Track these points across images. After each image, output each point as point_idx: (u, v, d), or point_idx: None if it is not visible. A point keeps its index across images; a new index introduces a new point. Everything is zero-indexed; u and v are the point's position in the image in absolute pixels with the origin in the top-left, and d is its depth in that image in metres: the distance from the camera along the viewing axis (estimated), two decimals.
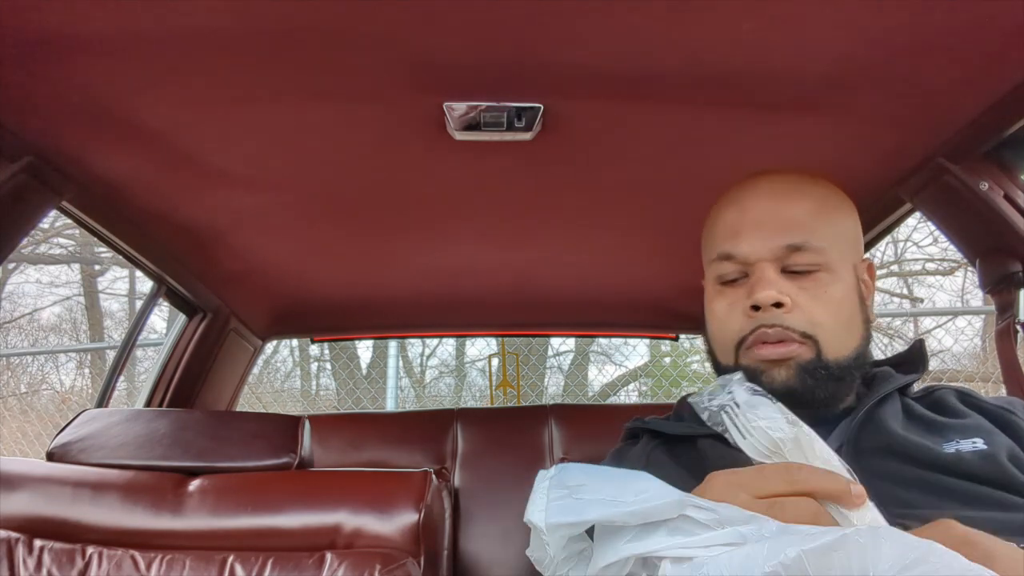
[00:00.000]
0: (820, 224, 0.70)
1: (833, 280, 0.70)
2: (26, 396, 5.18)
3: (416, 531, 0.96)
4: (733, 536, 0.47)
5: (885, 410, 0.69)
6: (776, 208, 0.71)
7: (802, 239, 0.69)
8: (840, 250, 0.71)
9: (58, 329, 6.11)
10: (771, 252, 0.70)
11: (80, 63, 0.78)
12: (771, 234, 0.70)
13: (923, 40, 0.75)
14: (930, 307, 4.84)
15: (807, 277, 0.69)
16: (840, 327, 0.69)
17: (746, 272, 0.71)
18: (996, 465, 0.62)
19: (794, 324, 0.68)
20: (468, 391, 5.20)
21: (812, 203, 0.72)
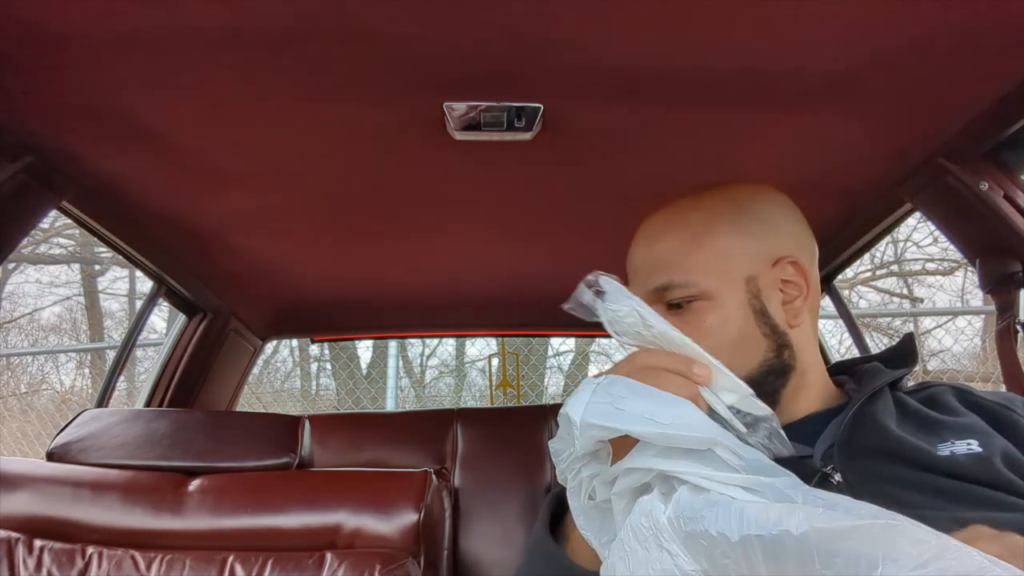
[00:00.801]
0: (688, 256, 0.72)
1: (712, 307, 0.70)
2: (26, 396, 5.19)
3: (416, 531, 0.96)
4: (753, 483, 0.49)
5: (877, 406, 0.68)
6: (644, 251, 0.75)
7: (666, 279, 0.71)
8: (718, 272, 0.71)
9: (58, 329, 6.12)
10: (647, 296, 0.72)
11: (80, 63, 0.78)
12: (643, 278, 0.74)
13: (923, 40, 0.75)
14: (930, 307, 4.84)
15: (687, 309, 0.71)
16: (725, 351, 0.67)
17: None
18: (990, 468, 0.62)
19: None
20: (468, 391, 5.20)
21: (681, 236, 0.73)
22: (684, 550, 0.47)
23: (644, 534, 0.50)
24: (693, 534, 0.47)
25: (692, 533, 0.47)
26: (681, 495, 0.49)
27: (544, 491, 1.62)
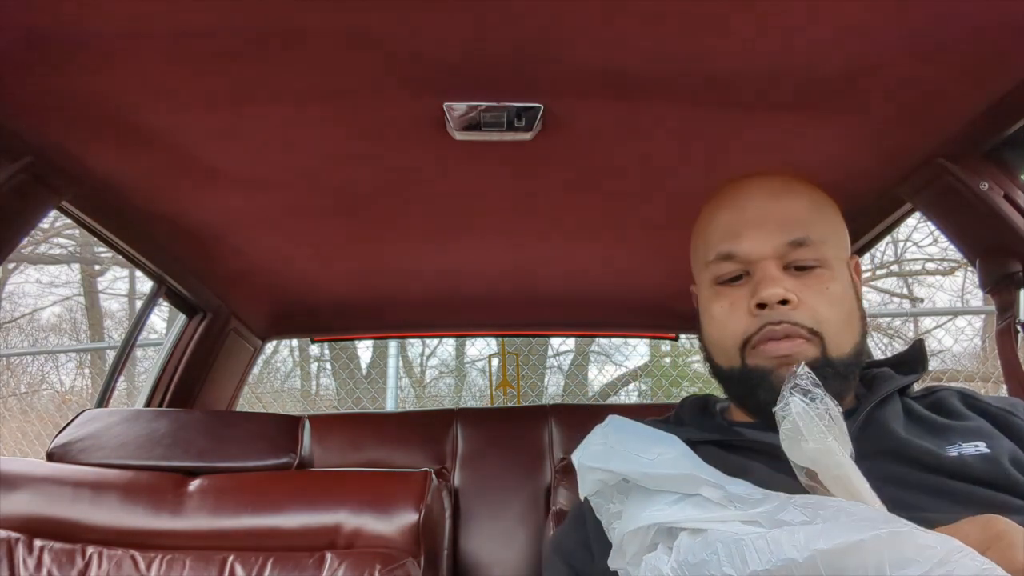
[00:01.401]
0: (817, 220, 0.71)
1: (833, 276, 0.70)
2: (26, 396, 5.19)
3: (416, 531, 0.96)
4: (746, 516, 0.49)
5: (886, 411, 0.69)
6: (774, 205, 0.71)
7: (803, 234, 0.69)
8: (836, 246, 0.71)
9: (58, 329, 6.12)
10: (774, 249, 0.69)
11: (80, 63, 0.78)
12: (772, 231, 0.69)
13: (923, 40, 0.75)
14: (930, 307, 4.84)
15: (809, 274, 0.69)
16: (842, 323, 0.69)
17: (747, 271, 0.71)
18: (998, 468, 0.62)
19: (801, 320, 0.67)
20: (468, 391, 5.20)
21: (807, 200, 0.72)
22: None
23: None
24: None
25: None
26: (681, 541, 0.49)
27: (544, 491, 1.62)
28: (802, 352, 0.67)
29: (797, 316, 0.67)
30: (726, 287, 0.72)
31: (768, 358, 0.68)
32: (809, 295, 0.68)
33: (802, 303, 0.68)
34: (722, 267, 0.72)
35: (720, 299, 0.72)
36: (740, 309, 0.70)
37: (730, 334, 0.71)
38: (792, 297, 0.67)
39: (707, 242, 0.74)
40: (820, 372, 0.66)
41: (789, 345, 0.67)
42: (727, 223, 0.72)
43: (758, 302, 0.68)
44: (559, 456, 1.64)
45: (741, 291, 0.71)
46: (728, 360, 0.72)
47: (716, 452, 0.71)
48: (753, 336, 0.68)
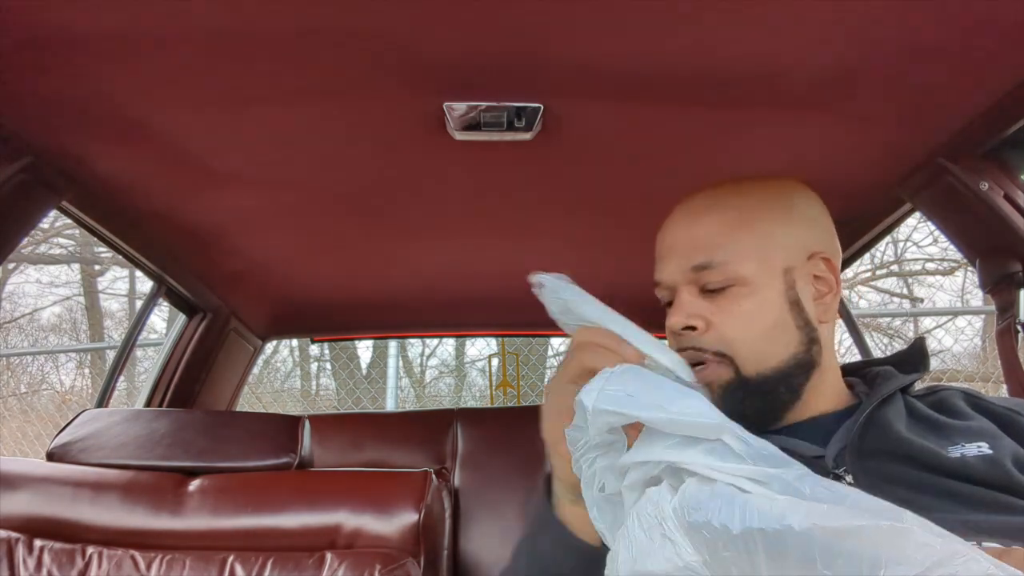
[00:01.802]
0: (730, 238, 0.70)
1: (749, 293, 0.69)
2: (26, 396, 5.19)
3: (416, 531, 0.96)
4: (760, 474, 0.48)
5: (888, 411, 0.69)
6: (685, 230, 0.73)
7: (706, 258, 0.70)
8: (760, 259, 0.70)
9: (58, 329, 6.12)
10: (683, 275, 0.71)
11: (80, 63, 0.78)
12: (680, 257, 0.72)
13: (923, 40, 0.75)
14: (930, 307, 4.84)
15: (722, 294, 0.70)
16: (758, 340, 0.68)
17: (671, 297, 0.74)
18: (1001, 470, 0.62)
19: (706, 344, 0.69)
20: (468, 391, 5.20)
21: (723, 218, 0.71)
22: (687, 540, 0.47)
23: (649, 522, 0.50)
24: (696, 524, 0.47)
25: (695, 523, 0.47)
26: (688, 486, 0.49)
27: None
28: (713, 376, 0.68)
29: (704, 340, 0.69)
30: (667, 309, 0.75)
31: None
32: (720, 317, 0.69)
33: (711, 326, 0.69)
34: (659, 293, 0.76)
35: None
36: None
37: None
38: (697, 323, 0.69)
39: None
40: (733, 394, 0.68)
41: (702, 374, 0.68)
42: (657, 250, 0.76)
43: (668, 329, 0.72)
44: None
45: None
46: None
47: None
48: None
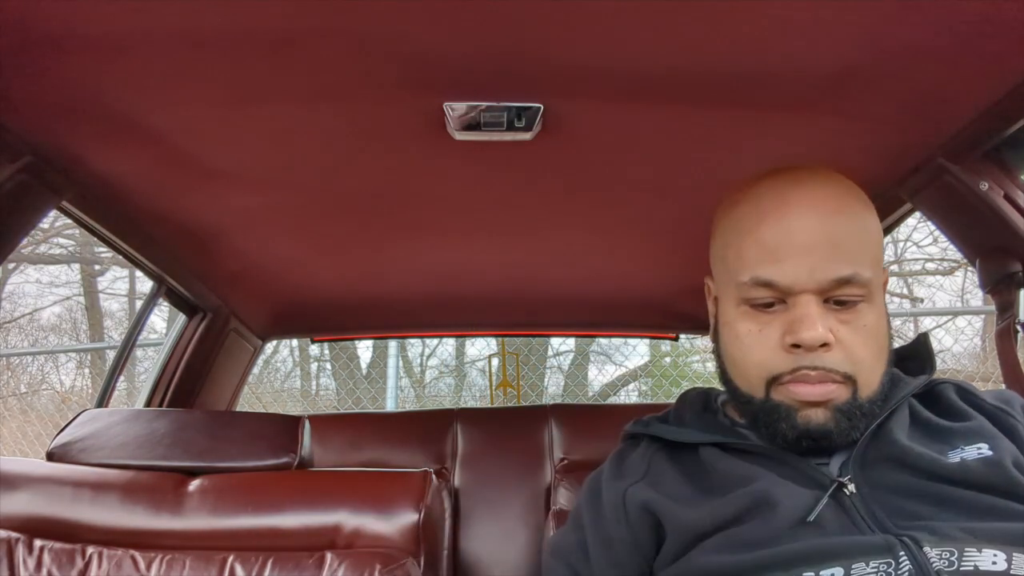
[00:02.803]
0: (867, 248, 0.65)
1: (871, 309, 0.65)
2: (26, 396, 5.18)
3: (416, 531, 0.96)
4: None
5: (893, 419, 0.68)
6: (825, 230, 0.63)
7: (853, 271, 0.63)
8: (877, 273, 0.65)
9: (58, 329, 6.12)
10: (818, 285, 0.63)
11: (80, 63, 0.78)
12: (820, 263, 0.63)
13: (923, 40, 0.75)
14: (930, 307, 4.84)
15: (850, 310, 0.64)
16: (877, 361, 0.65)
17: (783, 299, 0.65)
18: (1002, 472, 0.62)
19: (836, 365, 0.63)
20: (468, 391, 5.20)
21: (858, 222, 0.65)
22: None
23: None
24: None
25: None
26: None
27: (544, 491, 1.62)
28: (833, 397, 0.64)
29: (832, 361, 0.63)
30: (757, 310, 0.67)
31: (796, 399, 0.64)
32: (847, 334, 0.64)
33: (839, 344, 0.63)
34: (756, 292, 0.65)
35: (748, 320, 0.67)
36: (770, 339, 0.65)
37: (756, 363, 0.66)
38: (831, 339, 0.63)
39: (741, 256, 0.67)
40: (848, 415, 0.64)
41: (821, 390, 0.63)
42: (770, 243, 0.65)
43: (795, 342, 0.63)
44: (559, 456, 1.64)
45: (774, 318, 0.65)
46: (749, 386, 0.68)
47: (719, 455, 0.70)
48: (784, 375, 0.64)
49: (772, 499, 0.63)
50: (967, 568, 0.56)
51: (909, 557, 0.57)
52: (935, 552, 0.57)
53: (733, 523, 0.64)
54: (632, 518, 0.70)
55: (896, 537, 0.59)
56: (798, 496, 0.64)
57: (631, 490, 0.71)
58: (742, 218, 0.69)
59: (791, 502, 0.63)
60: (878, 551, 0.58)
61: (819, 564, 0.58)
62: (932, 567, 0.56)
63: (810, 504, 0.63)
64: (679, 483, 0.71)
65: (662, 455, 0.75)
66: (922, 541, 0.58)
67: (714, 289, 0.75)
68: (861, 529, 0.61)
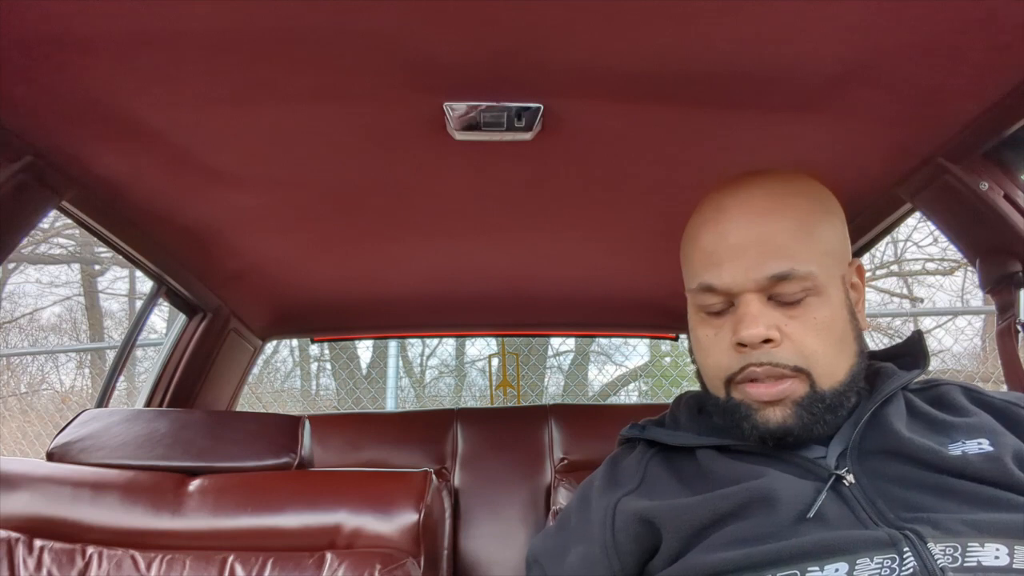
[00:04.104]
0: (804, 244, 0.66)
1: (822, 303, 0.65)
2: (26, 396, 5.18)
3: (416, 531, 0.96)
4: None
5: (889, 410, 0.68)
6: (755, 230, 0.66)
7: (787, 267, 0.64)
8: (827, 266, 0.66)
9: (58, 329, 6.12)
10: (755, 283, 0.65)
11: (80, 63, 0.78)
12: (753, 263, 0.65)
13: (923, 40, 0.75)
14: (930, 307, 4.83)
15: (795, 306, 0.65)
16: (832, 352, 0.66)
17: (731, 301, 0.67)
18: (1001, 467, 0.62)
19: (784, 359, 0.64)
20: (468, 391, 5.20)
21: (794, 220, 0.66)
22: None
23: None
24: None
25: None
26: None
27: (544, 491, 1.62)
28: (788, 394, 0.65)
29: (780, 355, 0.64)
30: (711, 315, 0.69)
31: (753, 399, 0.66)
32: (795, 328, 0.65)
33: (786, 338, 0.64)
34: (705, 298, 0.68)
35: (705, 326, 0.69)
36: (723, 340, 0.67)
37: (714, 365, 0.68)
38: (775, 335, 0.64)
39: (691, 264, 0.71)
40: (808, 408, 0.65)
41: (775, 390, 0.64)
42: (708, 249, 0.68)
43: (738, 341, 0.65)
44: (559, 456, 1.64)
45: (726, 321, 0.67)
46: (714, 388, 0.70)
47: (715, 456, 0.70)
48: (736, 375, 0.66)
49: (772, 494, 0.63)
50: (971, 563, 0.56)
51: (913, 553, 0.57)
52: (939, 548, 0.57)
53: (733, 518, 0.64)
54: (619, 527, 0.69)
55: (899, 531, 0.58)
56: (798, 490, 0.63)
57: (623, 501, 0.71)
58: (690, 229, 0.73)
59: (792, 496, 0.63)
60: (882, 546, 0.58)
61: (823, 559, 0.58)
62: (936, 563, 0.56)
63: (811, 497, 0.63)
64: (676, 486, 0.71)
65: (658, 459, 0.75)
66: (925, 536, 0.58)
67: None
68: (863, 522, 0.61)
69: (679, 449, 0.74)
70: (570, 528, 0.74)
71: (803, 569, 0.58)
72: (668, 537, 0.66)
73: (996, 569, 0.56)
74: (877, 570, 0.57)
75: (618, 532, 0.69)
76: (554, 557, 0.73)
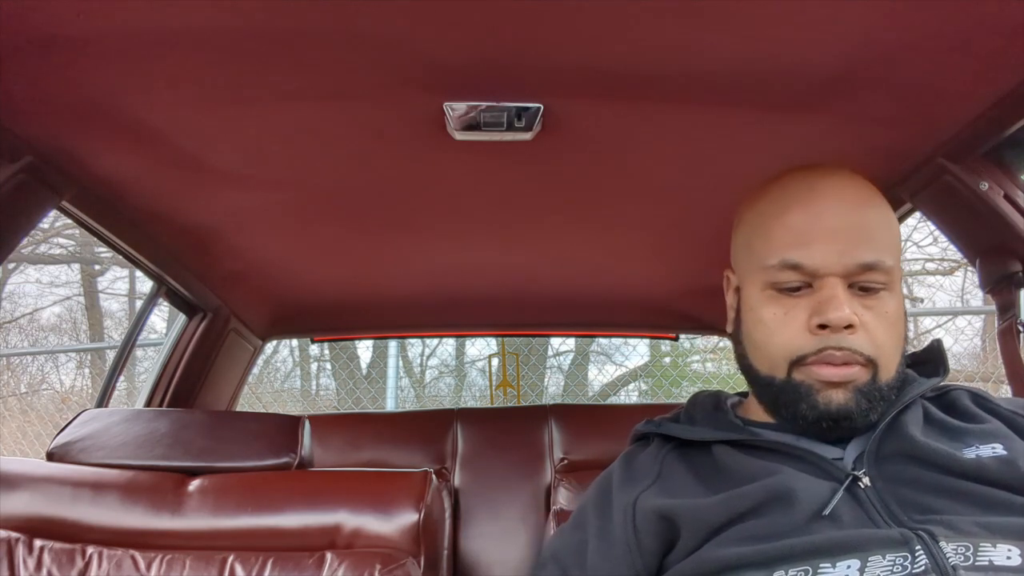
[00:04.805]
0: (889, 239, 0.68)
1: (892, 297, 0.67)
2: (26, 396, 5.18)
3: (416, 531, 0.96)
4: None
5: (907, 416, 0.69)
6: (852, 216, 0.67)
7: (877, 256, 0.65)
8: (898, 265, 0.68)
9: (58, 329, 6.11)
10: (844, 267, 0.65)
11: (80, 63, 0.78)
12: (848, 247, 0.65)
13: (923, 40, 0.75)
14: (930, 307, 4.83)
15: (873, 296, 0.66)
16: (896, 346, 0.67)
17: (809, 283, 0.67)
18: (1015, 470, 0.62)
19: (860, 347, 0.65)
20: (468, 391, 5.20)
21: (884, 214, 0.69)
22: None
23: None
24: None
25: None
26: None
27: (544, 491, 1.62)
28: (854, 378, 0.65)
29: (857, 343, 0.65)
30: (783, 294, 0.68)
31: (818, 380, 0.66)
32: (870, 319, 0.66)
33: (863, 327, 0.65)
34: (784, 275, 0.67)
35: (773, 305, 0.69)
36: (796, 321, 0.67)
37: (781, 344, 0.68)
38: (856, 321, 0.65)
39: (769, 240, 0.69)
40: (868, 396, 0.66)
41: (845, 372, 0.65)
42: (798, 227, 0.67)
43: (822, 323, 0.65)
44: (559, 456, 1.64)
45: (800, 302, 0.67)
46: (771, 368, 0.69)
47: (732, 452, 0.70)
48: (809, 355, 0.66)
49: (789, 492, 0.63)
50: (982, 563, 0.56)
51: (925, 551, 0.57)
52: (951, 547, 0.57)
53: (750, 515, 0.64)
54: (640, 525, 0.69)
55: (912, 531, 0.59)
56: (814, 489, 0.64)
57: (642, 497, 0.71)
58: (770, 205, 0.71)
59: (808, 495, 0.63)
60: (894, 544, 0.58)
61: (836, 556, 0.58)
62: (948, 562, 0.56)
63: (826, 497, 0.63)
64: (693, 482, 0.71)
65: (674, 455, 0.75)
66: (938, 535, 0.58)
67: (735, 280, 0.76)
68: (876, 522, 0.61)
69: (695, 445, 0.74)
70: (589, 526, 0.73)
71: (815, 565, 0.58)
72: (686, 535, 0.66)
73: (1008, 569, 0.56)
74: (889, 567, 0.57)
75: (640, 530, 0.69)
76: (573, 555, 0.72)
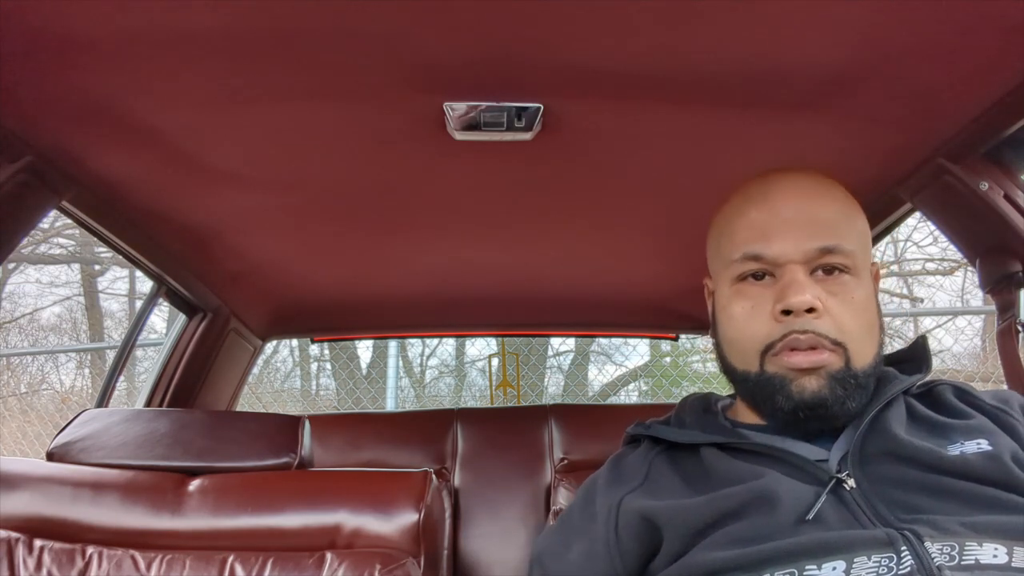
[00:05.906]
0: (848, 227, 0.69)
1: (858, 284, 0.68)
2: (26, 396, 5.18)
3: (416, 531, 0.96)
4: None
5: (889, 414, 0.69)
6: (807, 208, 0.69)
7: (834, 241, 0.67)
8: (862, 252, 0.70)
9: (58, 329, 6.11)
10: (804, 254, 0.67)
11: (80, 63, 0.78)
12: (803, 235, 0.67)
13: (923, 40, 0.75)
14: (930, 307, 4.83)
15: (835, 280, 0.68)
16: (865, 333, 0.68)
17: (772, 273, 0.69)
18: (1001, 466, 0.62)
19: (825, 331, 0.66)
20: (468, 391, 5.20)
21: (841, 205, 0.71)
22: None
23: None
24: None
25: None
26: None
27: (544, 491, 1.62)
28: (825, 364, 0.66)
29: (821, 326, 0.66)
30: (749, 286, 0.70)
31: (788, 368, 0.67)
32: (834, 304, 0.67)
33: (827, 312, 0.66)
34: (747, 266, 0.70)
35: (741, 299, 0.70)
36: (763, 312, 0.68)
37: (750, 336, 0.69)
38: (819, 305, 0.66)
39: (733, 239, 0.72)
40: (842, 382, 0.66)
41: (814, 357, 0.66)
42: (757, 222, 0.70)
43: (784, 308, 0.66)
44: (559, 456, 1.64)
45: (765, 292, 0.69)
46: (745, 363, 0.70)
47: (719, 455, 0.70)
48: (776, 343, 0.67)
49: (773, 495, 0.63)
50: (968, 562, 0.56)
51: (911, 551, 0.57)
52: (936, 547, 0.57)
53: (734, 518, 0.64)
54: (622, 526, 0.69)
55: (897, 531, 0.59)
56: (799, 492, 0.64)
57: (627, 498, 0.71)
58: (732, 208, 0.75)
59: (792, 498, 0.63)
60: (880, 545, 0.58)
61: (821, 558, 0.58)
62: (933, 562, 0.56)
63: (811, 500, 0.63)
64: (679, 485, 0.71)
65: (663, 458, 0.75)
66: (923, 535, 0.58)
67: (711, 285, 0.78)
68: (862, 523, 0.61)
69: (684, 448, 0.74)
70: (572, 525, 0.74)
71: (801, 568, 0.58)
72: (669, 538, 0.66)
73: (994, 567, 0.56)
74: (875, 568, 0.57)
75: (621, 530, 0.69)
76: (555, 554, 0.73)
